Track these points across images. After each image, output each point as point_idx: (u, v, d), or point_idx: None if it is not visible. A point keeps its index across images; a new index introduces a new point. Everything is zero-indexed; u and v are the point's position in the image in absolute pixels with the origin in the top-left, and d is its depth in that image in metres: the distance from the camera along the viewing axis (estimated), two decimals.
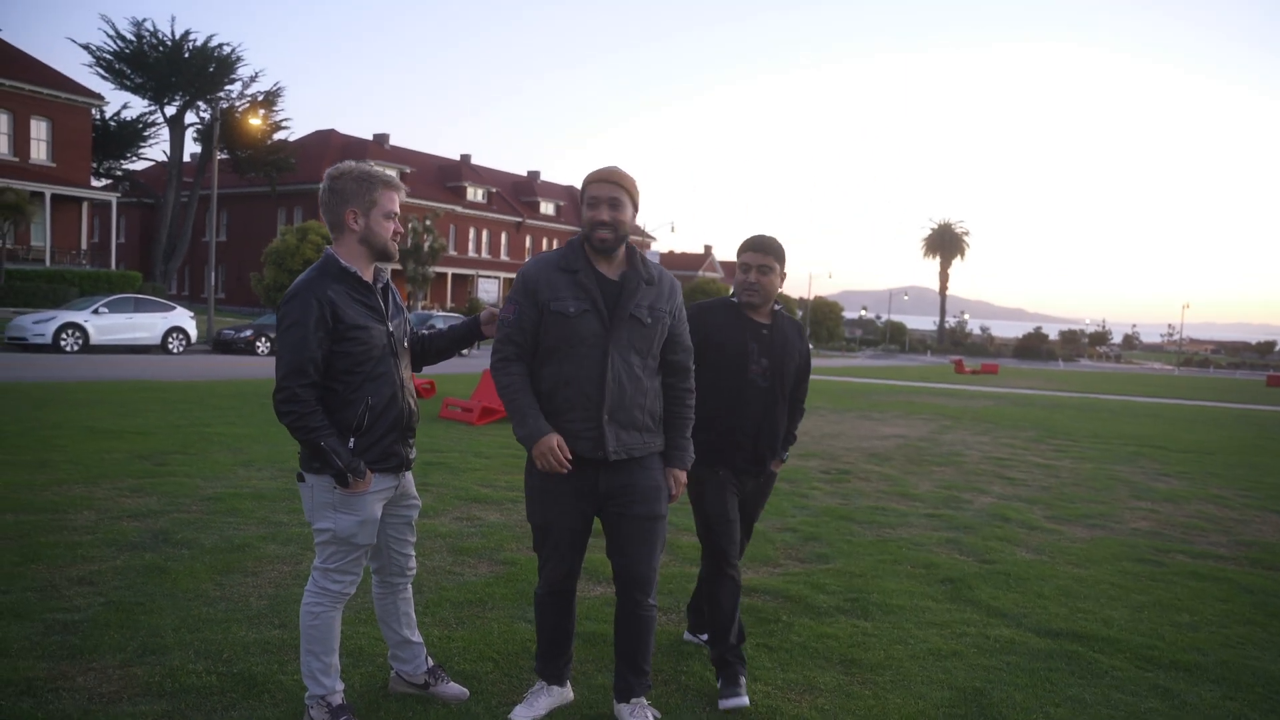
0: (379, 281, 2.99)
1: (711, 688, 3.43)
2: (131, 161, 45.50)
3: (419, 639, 3.26)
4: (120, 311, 22.67)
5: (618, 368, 2.88)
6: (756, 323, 3.53)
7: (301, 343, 2.73)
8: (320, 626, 2.90)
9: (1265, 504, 8.35)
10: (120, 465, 7.16)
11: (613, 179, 2.92)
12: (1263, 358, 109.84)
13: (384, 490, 2.95)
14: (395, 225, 2.92)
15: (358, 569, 2.95)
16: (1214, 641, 4.29)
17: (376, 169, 2.93)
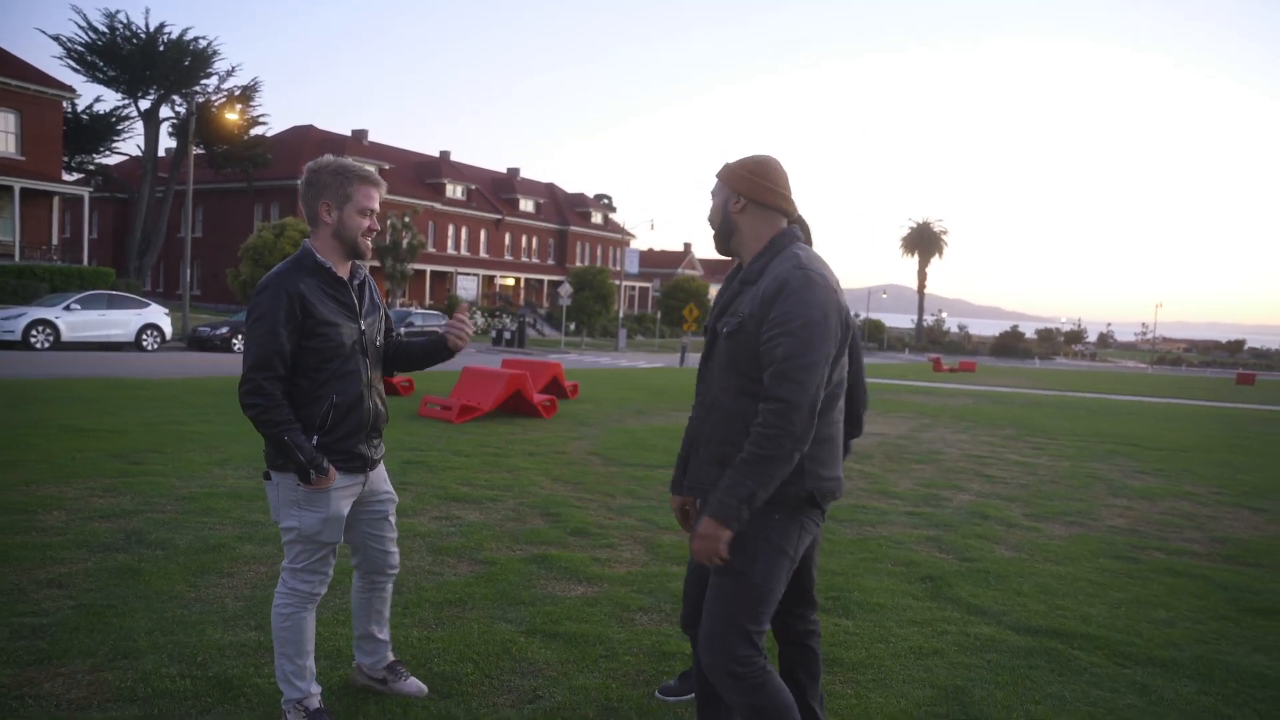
0: (356, 278, 2.95)
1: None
2: (105, 155, 44.86)
3: (386, 638, 3.25)
4: (93, 308, 22.33)
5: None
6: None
7: (269, 336, 2.70)
8: (292, 628, 2.87)
9: (1238, 500, 8.44)
10: (93, 464, 7.05)
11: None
12: (1232, 356, 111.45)
13: (349, 488, 2.91)
14: (371, 222, 2.87)
15: (326, 568, 2.92)
16: (1189, 637, 4.32)
17: (355, 164, 2.89)
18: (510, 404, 11.94)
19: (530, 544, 5.42)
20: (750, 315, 2.32)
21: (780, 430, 2.20)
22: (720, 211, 2.49)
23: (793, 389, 2.20)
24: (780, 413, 2.20)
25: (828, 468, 2.37)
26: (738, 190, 2.45)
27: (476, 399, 11.64)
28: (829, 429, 2.37)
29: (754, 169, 2.45)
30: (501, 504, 6.50)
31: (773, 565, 2.34)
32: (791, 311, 2.24)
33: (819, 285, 2.27)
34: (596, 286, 50.71)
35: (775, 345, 2.24)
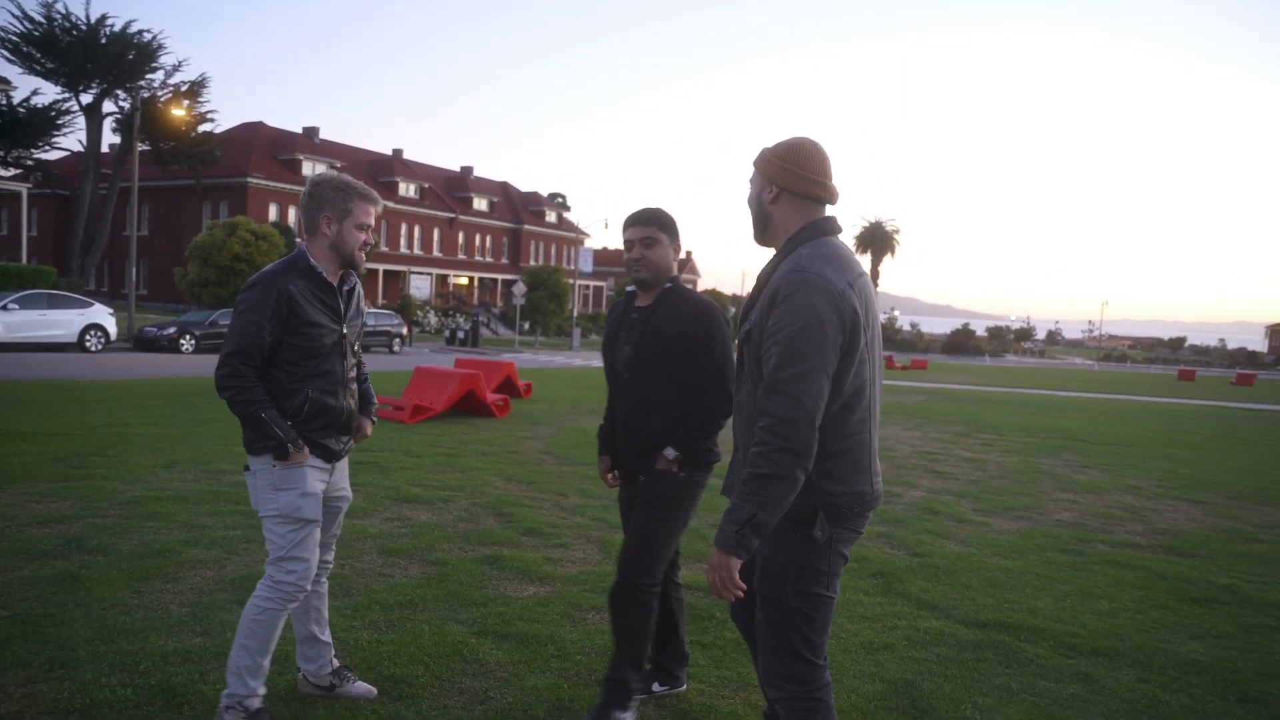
0: (345, 284, 3.06)
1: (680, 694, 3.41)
2: (44, 151, 43.45)
3: (327, 639, 3.23)
4: (32, 308, 21.69)
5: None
6: (633, 306, 3.22)
7: (254, 328, 2.82)
8: (264, 623, 2.88)
9: (1178, 494, 8.67)
10: (31, 469, 6.85)
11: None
12: (1174, 352, 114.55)
13: (320, 471, 2.98)
14: (366, 236, 3.01)
15: (308, 554, 2.91)
16: (1131, 627, 4.44)
17: (356, 182, 3.01)
18: (463, 404, 11.86)
19: (482, 544, 5.38)
20: (756, 324, 2.23)
21: (773, 446, 2.07)
22: (755, 202, 2.37)
23: (782, 402, 2.07)
24: (771, 428, 2.07)
25: (841, 482, 2.22)
26: (770, 178, 2.32)
27: (429, 399, 11.53)
28: (843, 442, 2.22)
29: (786, 154, 2.30)
30: (454, 504, 6.45)
31: (805, 584, 2.23)
32: (782, 320, 2.11)
33: (815, 287, 2.12)
34: (551, 286, 50.51)
35: (768, 356, 2.14)
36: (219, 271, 30.96)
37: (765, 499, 2.07)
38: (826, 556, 2.25)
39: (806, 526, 2.22)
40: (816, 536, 2.22)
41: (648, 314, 3.13)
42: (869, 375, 2.25)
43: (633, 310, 3.19)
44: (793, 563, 2.23)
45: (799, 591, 2.23)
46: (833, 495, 2.22)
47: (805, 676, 2.26)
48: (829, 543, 2.25)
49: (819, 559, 2.24)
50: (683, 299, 3.12)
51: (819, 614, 2.27)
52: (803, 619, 2.25)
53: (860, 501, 2.26)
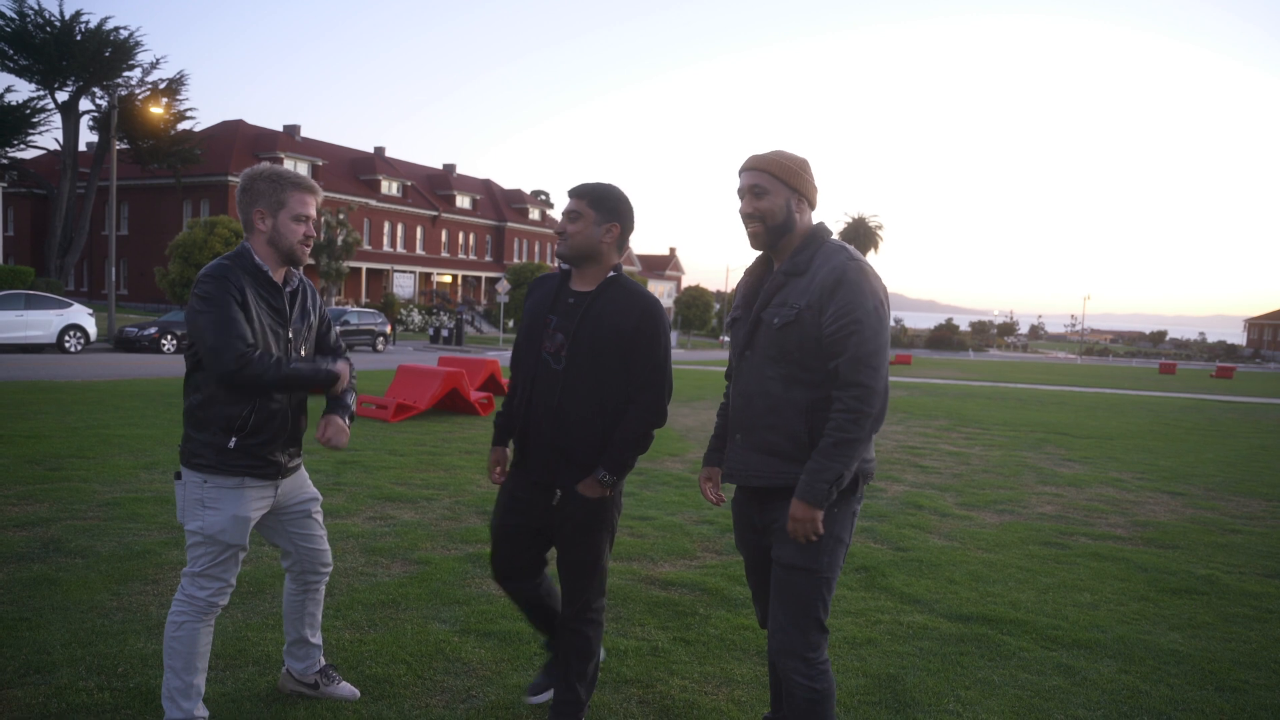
0: (289, 284, 2.90)
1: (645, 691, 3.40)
2: (19, 149, 42.99)
3: (318, 642, 3.18)
4: (9, 308, 21.45)
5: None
6: (568, 290, 2.90)
7: (229, 313, 2.65)
8: (183, 639, 2.74)
9: (1158, 486, 8.74)
10: (8, 471, 6.77)
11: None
12: (1155, 346, 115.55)
13: (260, 493, 2.82)
14: (306, 229, 2.84)
15: (228, 575, 2.81)
16: (1112, 619, 4.46)
17: (290, 171, 2.85)
18: (446, 402, 11.81)
19: (465, 543, 5.36)
20: (807, 306, 2.39)
21: (862, 414, 2.32)
22: (784, 211, 2.50)
23: (869, 374, 2.32)
24: (861, 397, 2.32)
25: (868, 449, 2.47)
26: (800, 190, 2.51)
27: (412, 398, 11.48)
28: None
29: (806, 169, 2.54)
30: (437, 503, 6.42)
31: (835, 555, 2.45)
32: (854, 301, 2.34)
33: (872, 276, 2.41)
34: None
35: (847, 334, 2.34)
36: (199, 270, 30.74)
37: (850, 460, 2.34)
38: (850, 528, 2.49)
39: (849, 495, 2.45)
40: (854, 507, 2.48)
41: (588, 301, 2.83)
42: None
43: (568, 294, 2.88)
44: (830, 534, 2.41)
45: (830, 561, 2.44)
46: (866, 463, 2.47)
47: (819, 643, 2.46)
48: (853, 515, 2.49)
49: (846, 531, 2.47)
50: (628, 291, 2.85)
51: (836, 582, 2.50)
52: (827, 587, 2.46)
53: (874, 467, 2.54)
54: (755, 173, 2.50)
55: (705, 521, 6.24)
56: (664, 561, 5.20)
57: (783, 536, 2.43)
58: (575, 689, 2.93)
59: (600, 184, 2.88)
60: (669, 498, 6.95)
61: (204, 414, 2.74)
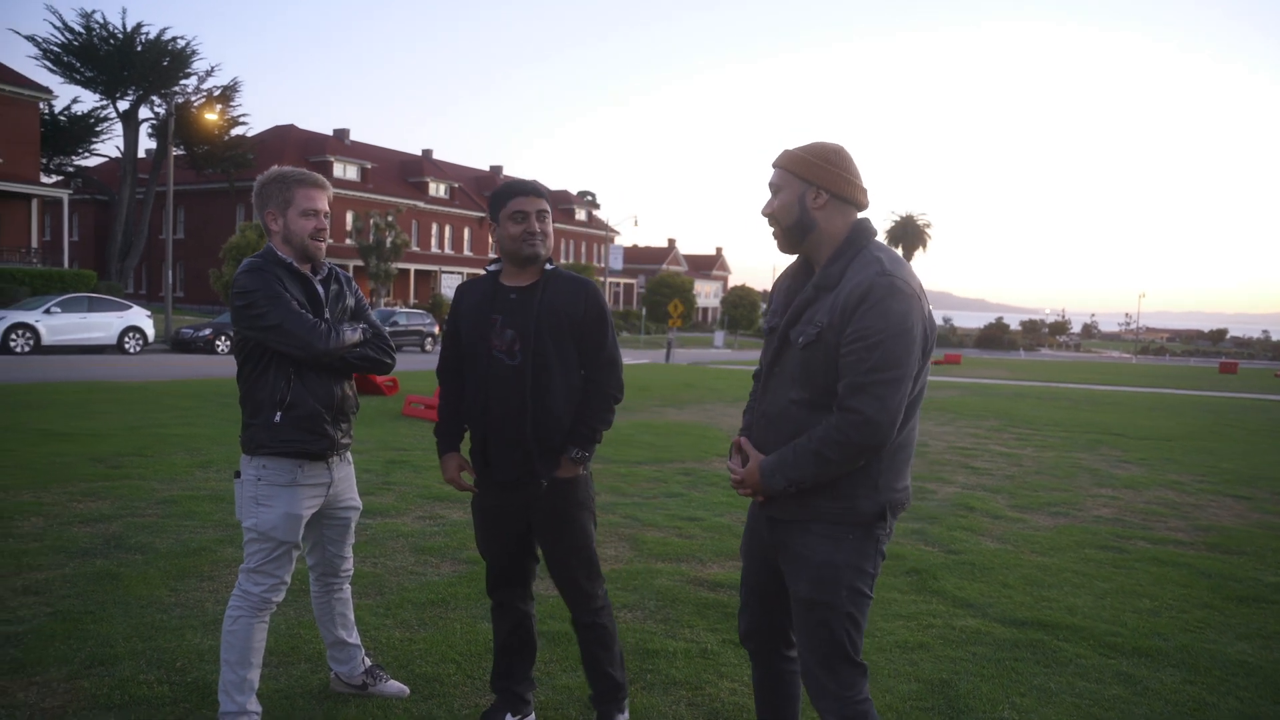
0: (318, 274, 2.98)
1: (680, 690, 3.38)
2: (84, 157, 44.46)
3: (356, 640, 3.23)
4: (73, 311, 22.13)
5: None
6: (504, 287, 2.89)
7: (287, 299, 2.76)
8: (238, 633, 2.83)
9: (1220, 489, 8.49)
10: (72, 469, 6.97)
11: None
12: (1215, 345, 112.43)
13: (315, 485, 2.90)
14: (317, 222, 2.90)
15: (282, 572, 2.88)
16: (1174, 626, 4.33)
17: (296, 170, 2.93)
18: None
19: None
20: (829, 325, 2.15)
21: (849, 442, 2.11)
22: (796, 207, 2.26)
23: (871, 404, 2.08)
24: (857, 425, 2.09)
25: (901, 478, 2.26)
26: (818, 182, 2.24)
27: None
28: (906, 436, 2.25)
29: (831, 158, 2.25)
30: None
31: (856, 586, 2.23)
32: (874, 324, 2.09)
33: (904, 294, 2.12)
34: None
35: (856, 358, 2.11)
36: None
37: (822, 474, 2.17)
38: (875, 558, 2.27)
39: (871, 527, 2.23)
40: (880, 537, 2.25)
41: (533, 294, 2.84)
42: (925, 378, 2.28)
43: (507, 291, 2.86)
44: (850, 565, 2.22)
45: (853, 594, 2.23)
46: (896, 491, 2.25)
47: (854, 680, 2.26)
48: (877, 544, 2.26)
49: (869, 561, 2.25)
50: (568, 279, 2.90)
51: (864, 615, 2.28)
52: (852, 622, 2.24)
53: (909, 497, 2.31)
54: (773, 170, 2.32)
55: None
56: (712, 563, 5.17)
57: (795, 569, 2.27)
58: (611, 676, 2.99)
59: (539, 183, 2.99)
60: (717, 499, 6.92)
61: (255, 399, 2.84)
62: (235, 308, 2.79)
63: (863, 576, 2.24)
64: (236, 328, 2.84)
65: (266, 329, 2.74)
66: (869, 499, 2.20)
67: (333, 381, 2.92)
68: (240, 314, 2.78)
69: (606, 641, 2.98)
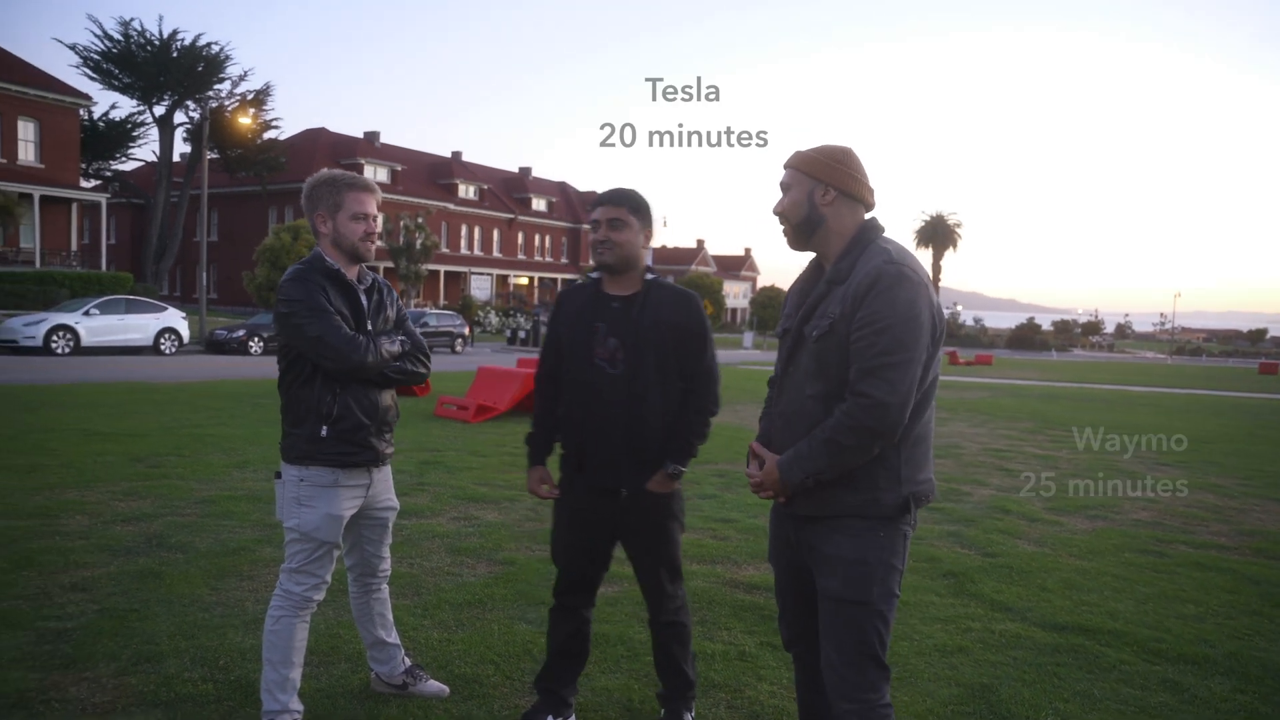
0: (362, 282, 3.00)
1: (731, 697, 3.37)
2: (121, 162, 45.28)
3: (395, 640, 3.25)
4: (112, 313, 22.52)
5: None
6: (607, 295, 2.93)
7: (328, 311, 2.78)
8: (280, 633, 2.86)
9: (1264, 492, 8.32)
10: (113, 468, 7.09)
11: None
12: (1254, 345, 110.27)
13: (353, 490, 2.93)
14: (367, 225, 2.93)
15: (323, 571, 2.91)
16: (1221, 633, 4.25)
17: (345, 173, 2.97)
18: (526, 403, 11.92)
19: (549, 544, 5.38)
20: (840, 315, 2.19)
21: (861, 425, 2.13)
22: (805, 204, 2.32)
23: (881, 387, 2.12)
24: (867, 409, 2.12)
25: (922, 470, 2.28)
26: (826, 180, 2.30)
27: (492, 399, 11.64)
28: (923, 428, 2.27)
29: (840, 158, 2.32)
30: (519, 504, 6.49)
31: (888, 584, 2.25)
32: (882, 310, 2.13)
33: (911, 281, 2.16)
34: None
35: (865, 343, 2.14)
36: None
37: (837, 463, 2.18)
38: (902, 554, 2.29)
39: (898, 520, 2.25)
40: (905, 531, 2.27)
41: (634, 304, 2.87)
42: (938, 369, 2.29)
43: (610, 300, 2.91)
44: (880, 562, 2.24)
45: (884, 592, 2.25)
46: (918, 484, 2.27)
47: (879, 683, 2.27)
48: (904, 538, 2.29)
49: (898, 557, 2.28)
50: (671, 291, 2.94)
51: (893, 614, 2.30)
52: (883, 621, 2.26)
53: (932, 490, 2.32)
54: (784, 170, 2.37)
55: None
56: (747, 565, 5.15)
57: (825, 568, 2.27)
58: (684, 672, 3.07)
59: (629, 191, 2.92)
60: (750, 500, 6.89)
61: (299, 409, 2.86)
62: (278, 314, 2.82)
63: (893, 574, 2.26)
64: (278, 334, 2.87)
65: (307, 340, 2.77)
66: (891, 491, 2.22)
67: (377, 393, 2.95)
68: (283, 321, 2.81)
69: (684, 638, 3.07)
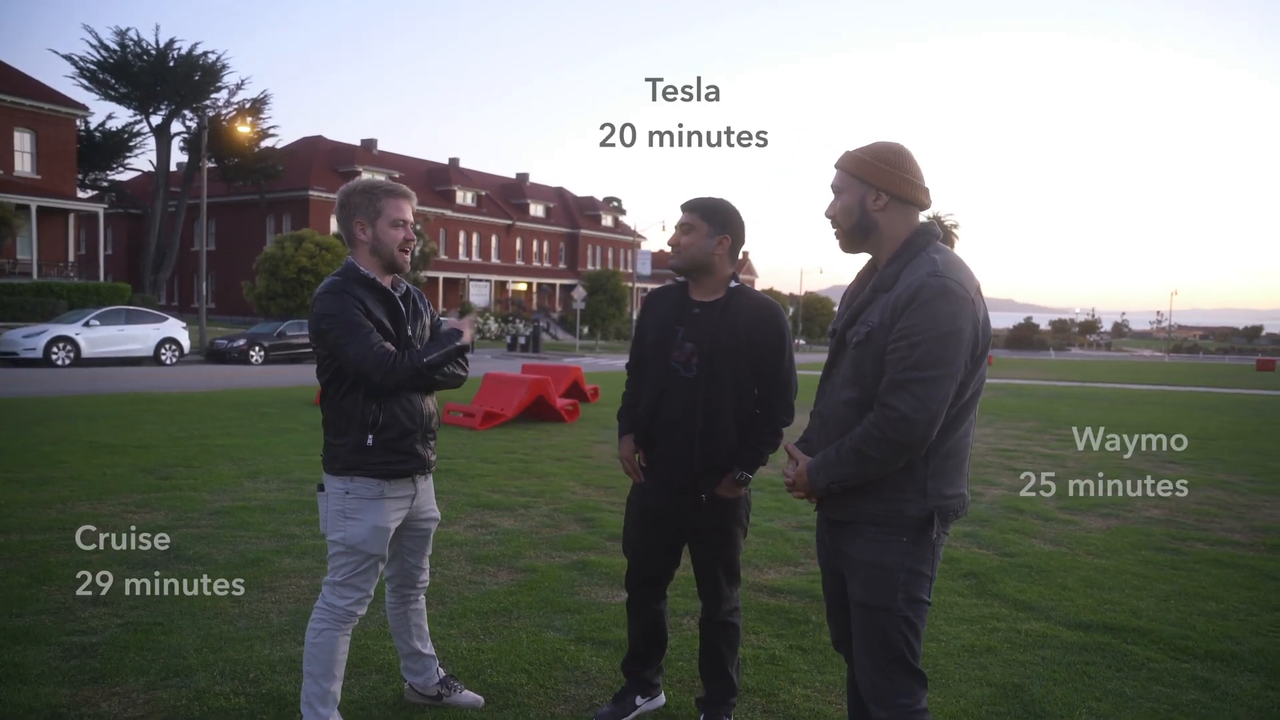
0: (397, 290, 3.00)
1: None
2: (118, 172, 45.21)
3: (430, 651, 3.24)
4: (111, 323, 22.46)
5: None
6: (690, 300, 2.99)
7: (361, 325, 2.77)
8: (322, 646, 2.84)
9: (1273, 489, 8.34)
10: (124, 480, 7.06)
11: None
12: (1250, 341, 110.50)
13: (399, 502, 2.92)
14: (405, 233, 2.93)
15: (367, 585, 2.89)
16: (1245, 630, 4.25)
17: (383, 180, 2.97)
18: (533, 409, 11.93)
19: (569, 550, 5.38)
20: (880, 325, 2.17)
21: (887, 438, 2.11)
22: (858, 209, 2.28)
23: (910, 402, 2.09)
24: (894, 422, 2.10)
25: (952, 485, 2.23)
26: (878, 185, 2.25)
27: (499, 405, 11.63)
28: (957, 442, 2.22)
29: (892, 160, 2.26)
30: (535, 510, 6.48)
31: (913, 590, 2.22)
32: (920, 324, 2.09)
33: (954, 295, 2.11)
34: (609, 289, 50.72)
35: (899, 355, 2.11)
36: (286, 284, 31.72)
37: (863, 472, 2.18)
38: (931, 561, 2.26)
39: (922, 531, 2.22)
40: (934, 541, 2.23)
41: (715, 311, 2.93)
42: (984, 381, 2.26)
43: (692, 305, 2.97)
44: (903, 568, 2.22)
45: (909, 598, 2.23)
46: (945, 498, 2.23)
47: (913, 689, 2.26)
48: (933, 547, 2.25)
49: (925, 564, 2.25)
50: (752, 300, 2.98)
51: (922, 620, 2.28)
52: (910, 627, 2.24)
53: (963, 505, 2.28)
54: (835, 171, 2.34)
55: (804, 527, 6.16)
56: (769, 568, 5.14)
57: (850, 573, 2.28)
58: (730, 676, 3.12)
59: (712, 198, 2.99)
60: (765, 504, 6.88)
61: (342, 421, 2.84)
62: (315, 329, 2.79)
63: (918, 580, 2.22)
64: (315, 348, 2.86)
65: (345, 359, 2.75)
66: (915, 503, 2.19)
67: (420, 399, 2.94)
68: (319, 336, 2.79)
69: (733, 641, 3.11)
